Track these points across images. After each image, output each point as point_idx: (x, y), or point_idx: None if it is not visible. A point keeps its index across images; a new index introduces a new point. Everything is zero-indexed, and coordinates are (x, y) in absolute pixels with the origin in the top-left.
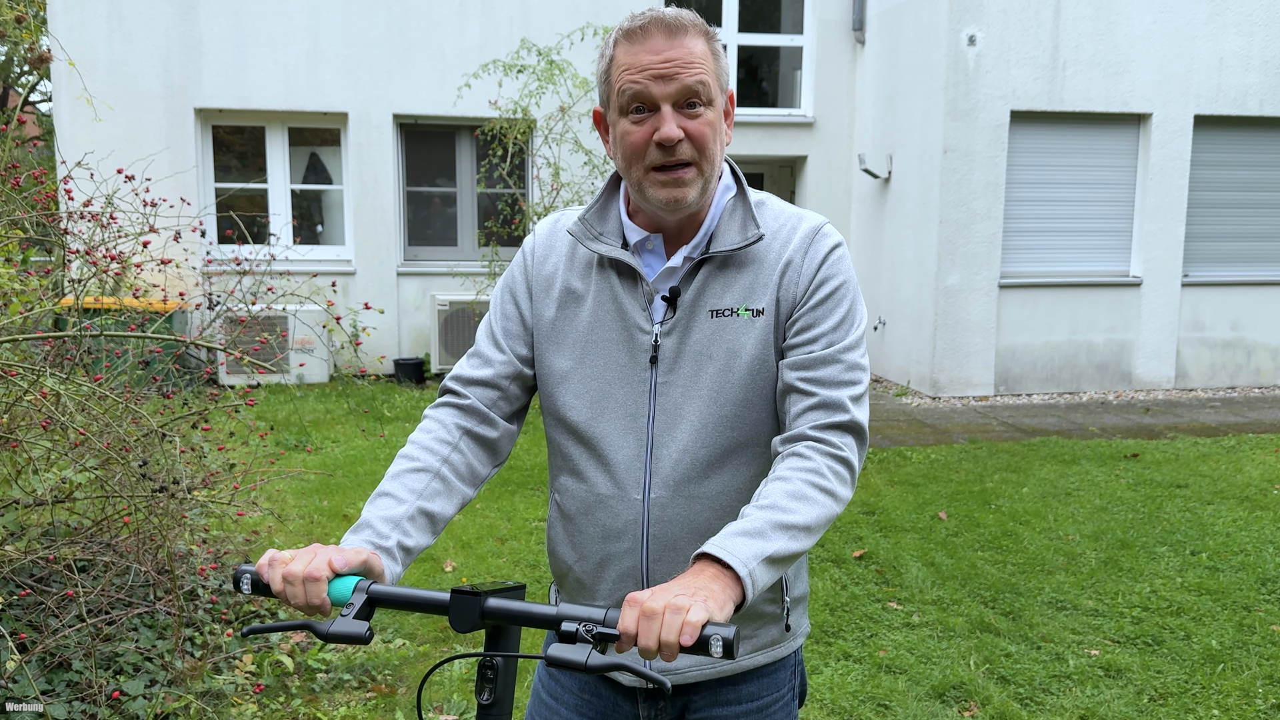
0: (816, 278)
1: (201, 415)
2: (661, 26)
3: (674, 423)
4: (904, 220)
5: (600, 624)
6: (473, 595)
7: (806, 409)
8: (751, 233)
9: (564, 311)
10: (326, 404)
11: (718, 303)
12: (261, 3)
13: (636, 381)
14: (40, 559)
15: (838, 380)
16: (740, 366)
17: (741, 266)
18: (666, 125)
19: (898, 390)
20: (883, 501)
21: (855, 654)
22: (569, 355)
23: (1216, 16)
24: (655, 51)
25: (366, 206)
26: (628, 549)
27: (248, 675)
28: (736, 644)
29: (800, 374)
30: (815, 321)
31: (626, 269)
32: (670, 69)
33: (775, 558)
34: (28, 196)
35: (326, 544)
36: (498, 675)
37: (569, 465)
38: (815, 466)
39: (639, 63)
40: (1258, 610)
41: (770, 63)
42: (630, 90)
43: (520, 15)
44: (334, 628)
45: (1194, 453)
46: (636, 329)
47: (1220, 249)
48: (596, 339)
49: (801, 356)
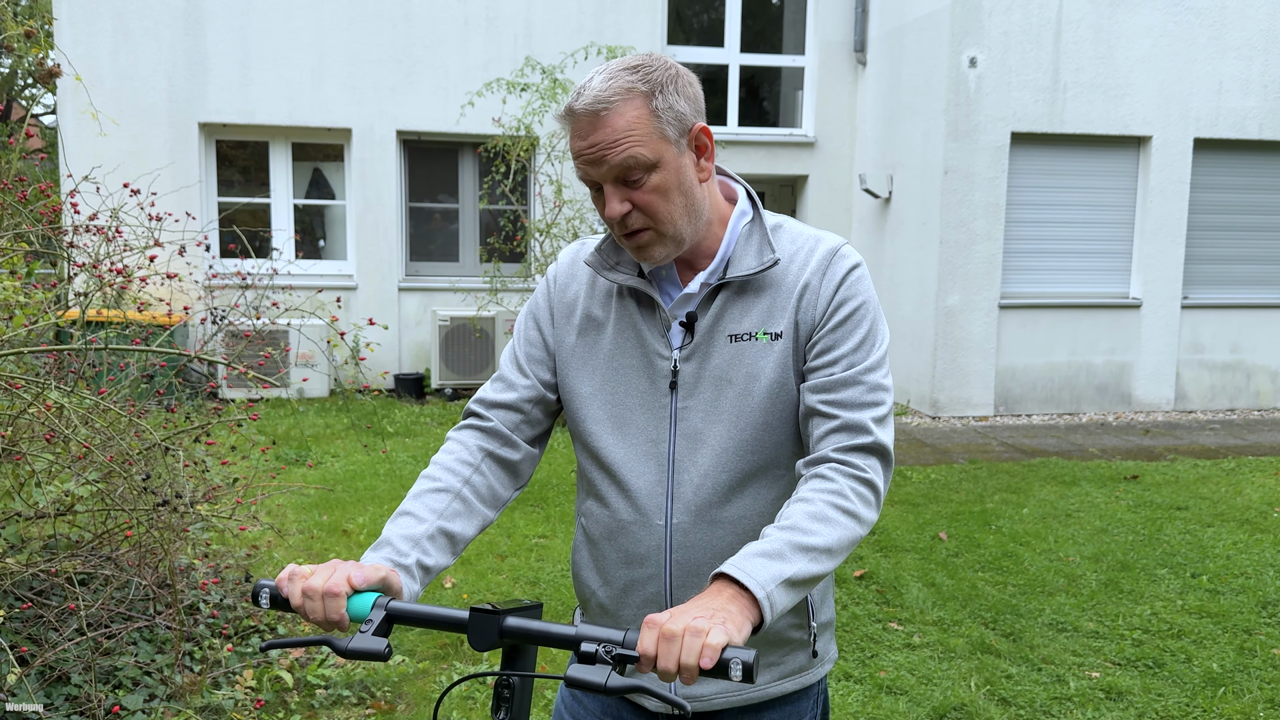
0: (835, 299)
1: (204, 429)
2: (585, 114)
3: (694, 448)
4: (904, 240)
5: (619, 645)
6: (492, 614)
7: (829, 431)
8: (767, 258)
9: (584, 338)
10: (327, 419)
11: (736, 327)
12: (267, 19)
13: (657, 407)
14: (41, 572)
15: (859, 402)
16: (759, 390)
17: (759, 291)
18: (609, 205)
19: (898, 410)
20: (883, 521)
21: (856, 674)
22: (590, 381)
23: (1216, 40)
24: (582, 137)
25: (369, 222)
26: (651, 575)
27: (247, 691)
28: (756, 668)
29: (821, 397)
30: (835, 343)
31: (645, 297)
32: (597, 153)
33: (795, 580)
34: (33, 210)
35: (328, 559)
36: (514, 695)
37: (594, 490)
38: (838, 488)
39: (574, 147)
40: (1258, 633)
41: (772, 83)
42: (580, 175)
43: (524, 34)
44: (353, 644)
45: (1194, 475)
46: (656, 355)
47: (1220, 271)
48: (618, 365)
49: (822, 379)
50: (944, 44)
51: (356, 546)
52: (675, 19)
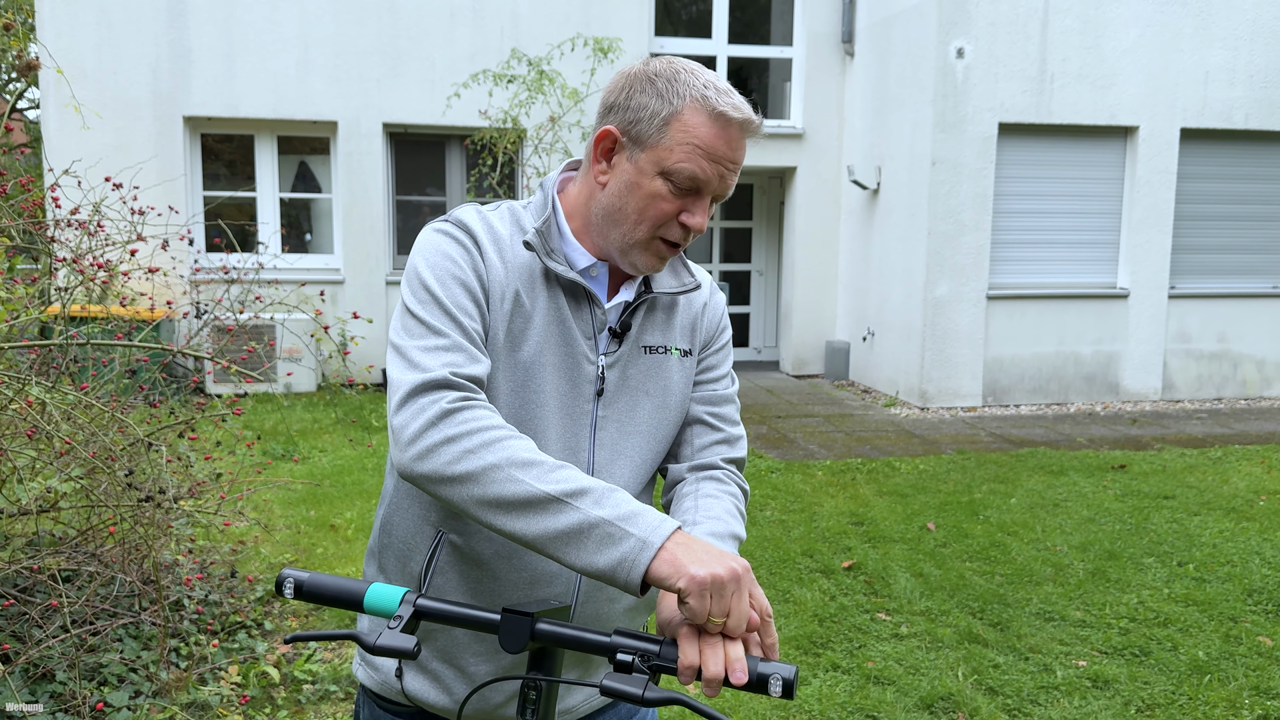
0: (721, 324)
1: (188, 424)
2: (743, 127)
3: (613, 459)
4: (892, 232)
5: (657, 657)
6: (525, 616)
7: (715, 442)
8: (687, 280)
9: (512, 325)
10: (314, 413)
11: (650, 339)
12: (251, 11)
13: (578, 414)
14: (24, 569)
15: (735, 419)
16: (674, 404)
17: (668, 309)
18: (702, 216)
19: (886, 401)
20: (871, 512)
21: (844, 665)
22: (508, 377)
23: (1203, 30)
24: (731, 147)
25: (355, 215)
26: (559, 593)
27: (233, 686)
28: (796, 683)
29: (709, 409)
30: (718, 364)
31: (575, 292)
32: (731, 170)
33: None
34: (14, 204)
35: (316, 554)
36: (540, 697)
37: None
38: (733, 491)
39: (714, 150)
40: (1244, 621)
41: (760, 74)
42: (690, 171)
43: (510, 25)
44: (381, 641)
45: (1181, 464)
46: (583, 357)
47: (1207, 261)
48: (541, 362)
49: (709, 393)
50: (931, 35)
51: (344, 541)
52: (663, 10)
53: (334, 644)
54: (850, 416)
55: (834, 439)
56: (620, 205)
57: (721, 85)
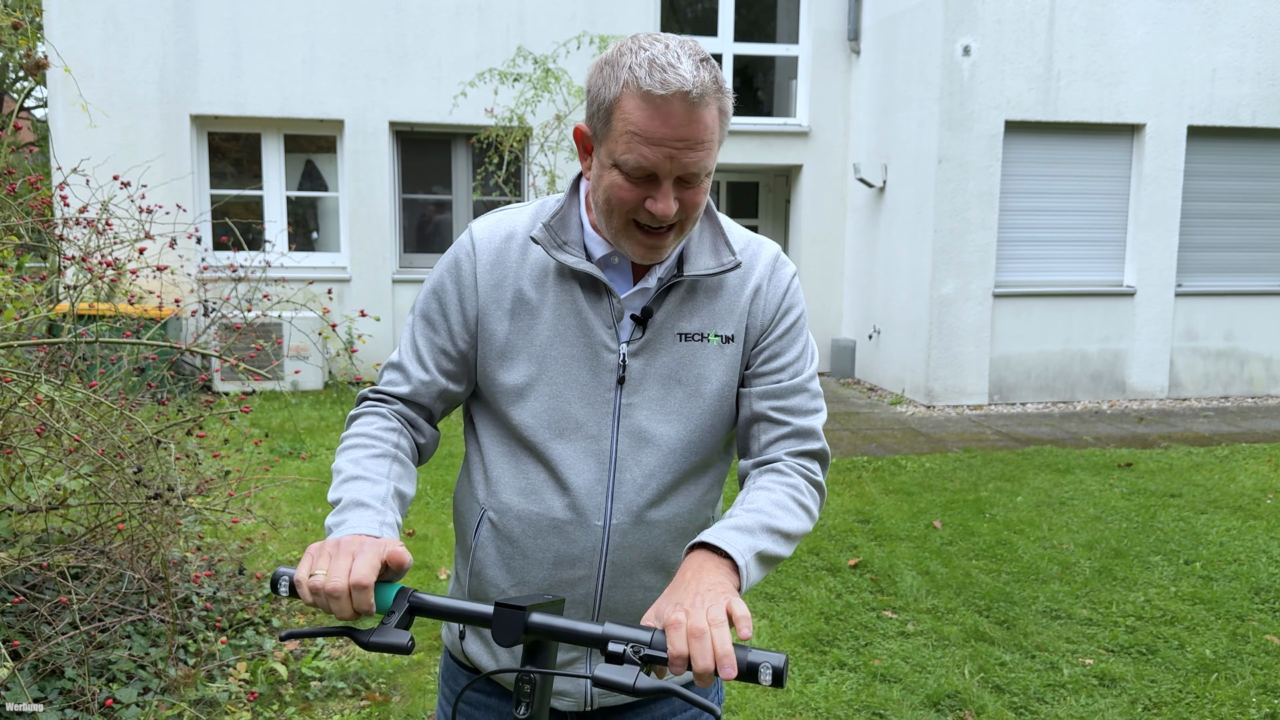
0: (782, 306)
1: (196, 422)
2: (683, 100)
3: (639, 446)
4: (899, 229)
5: (648, 646)
6: (518, 609)
7: (780, 437)
8: (726, 259)
9: (517, 323)
10: (321, 411)
11: (685, 326)
12: (258, 10)
13: (599, 402)
14: (34, 566)
15: (806, 409)
16: (709, 392)
17: (711, 291)
18: (664, 202)
19: (892, 399)
20: (877, 510)
21: (850, 663)
22: (523, 370)
23: (1210, 28)
24: (671, 126)
25: (362, 213)
26: (582, 576)
27: (241, 683)
28: (787, 672)
29: (771, 403)
30: (782, 350)
31: (592, 283)
32: (682, 149)
33: (764, 555)
34: (23, 202)
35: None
36: (535, 690)
37: (517, 485)
38: (795, 483)
39: (652, 133)
40: (1251, 620)
41: (766, 72)
42: (633, 161)
43: (516, 24)
44: (375, 637)
45: (1187, 462)
46: (602, 347)
47: (1213, 259)
48: (556, 354)
49: (770, 386)
50: (938, 32)
51: None
52: (669, 7)
53: (341, 641)
54: (856, 414)
55: (840, 437)
56: (597, 198)
57: (661, 59)
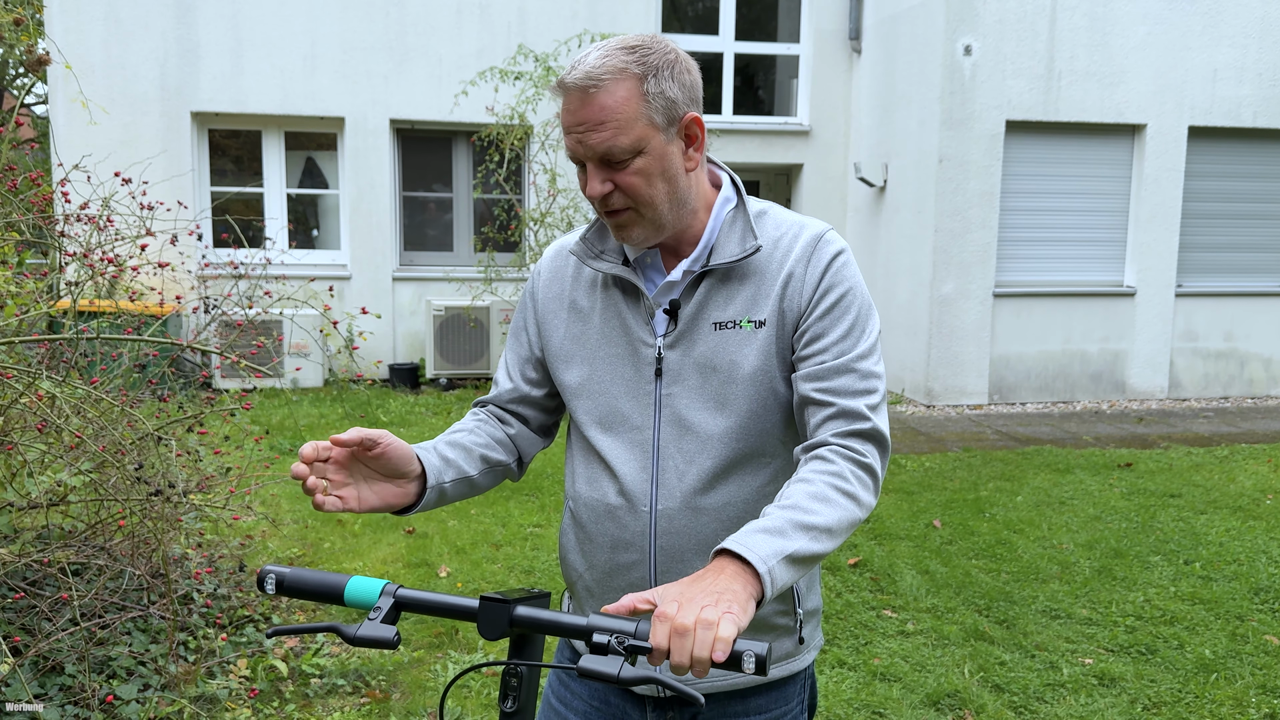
0: (821, 286)
1: (197, 419)
2: (575, 89)
3: (679, 435)
4: (899, 229)
5: (632, 636)
6: (503, 603)
7: (826, 419)
8: (749, 245)
9: (572, 329)
10: (321, 408)
11: (720, 314)
12: (259, 7)
13: (642, 394)
14: (34, 562)
15: (853, 390)
16: (743, 377)
17: (743, 278)
18: (590, 183)
19: (892, 398)
20: (877, 509)
21: (850, 662)
22: (579, 371)
23: (1211, 28)
24: (571, 112)
25: (363, 211)
26: (636, 560)
27: (242, 680)
28: (769, 661)
29: (815, 385)
30: (823, 331)
31: (629, 285)
32: (584, 131)
33: (796, 557)
34: (24, 199)
35: (323, 549)
36: (522, 684)
37: (585, 475)
38: (838, 469)
39: (567, 123)
40: (1251, 620)
41: (767, 71)
42: (568, 148)
43: (517, 21)
44: (361, 632)
45: (1187, 462)
46: (640, 342)
47: (1214, 260)
48: (604, 354)
49: (814, 368)
50: (939, 31)
51: (351, 536)
52: (670, 6)
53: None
54: None
55: None
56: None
57: (580, 56)
